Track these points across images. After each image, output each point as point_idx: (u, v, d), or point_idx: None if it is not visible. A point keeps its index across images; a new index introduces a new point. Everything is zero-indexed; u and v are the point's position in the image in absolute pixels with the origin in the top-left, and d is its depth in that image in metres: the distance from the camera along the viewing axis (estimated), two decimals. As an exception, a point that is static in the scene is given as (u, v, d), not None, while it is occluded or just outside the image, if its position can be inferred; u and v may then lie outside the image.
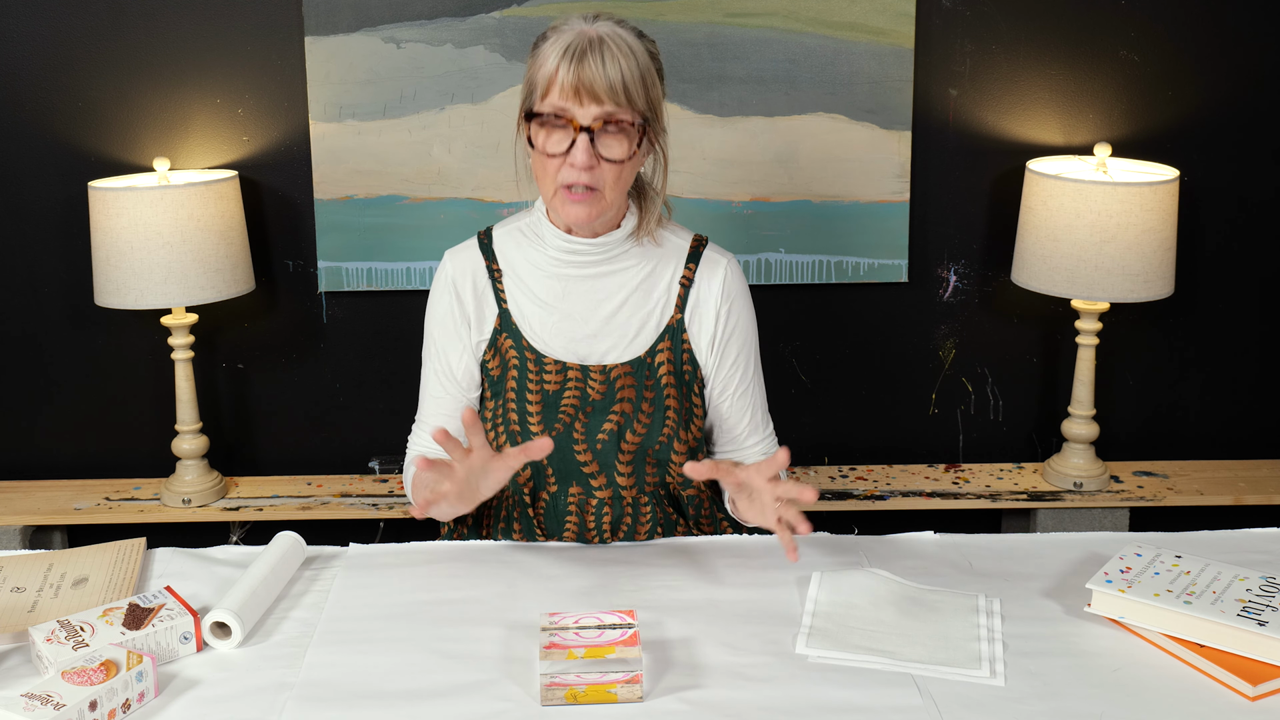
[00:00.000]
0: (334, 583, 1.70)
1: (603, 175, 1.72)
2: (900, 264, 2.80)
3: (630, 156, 1.72)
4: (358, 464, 2.90)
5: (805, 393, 2.90)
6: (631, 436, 1.83)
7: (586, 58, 1.67)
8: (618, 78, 1.67)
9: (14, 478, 2.87)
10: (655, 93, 1.74)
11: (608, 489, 1.84)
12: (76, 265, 2.74)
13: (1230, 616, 1.49)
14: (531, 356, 1.83)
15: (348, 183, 2.73)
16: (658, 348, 1.84)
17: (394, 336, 2.83)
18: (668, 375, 1.84)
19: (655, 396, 1.83)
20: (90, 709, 1.36)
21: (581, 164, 1.69)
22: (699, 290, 1.85)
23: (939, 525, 2.85)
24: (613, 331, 1.84)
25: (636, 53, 1.70)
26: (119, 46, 2.68)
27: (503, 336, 1.85)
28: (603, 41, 1.68)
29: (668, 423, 1.83)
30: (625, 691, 1.41)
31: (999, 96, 2.76)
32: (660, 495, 1.88)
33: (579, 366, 1.83)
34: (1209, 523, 2.60)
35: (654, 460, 1.85)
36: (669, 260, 1.86)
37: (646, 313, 1.84)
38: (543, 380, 1.83)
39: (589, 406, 1.83)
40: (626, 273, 1.84)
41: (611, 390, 1.83)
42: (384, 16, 2.66)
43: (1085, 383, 2.74)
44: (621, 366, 1.83)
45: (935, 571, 1.72)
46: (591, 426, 1.83)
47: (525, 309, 1.85)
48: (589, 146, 1.69)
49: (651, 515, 1.86)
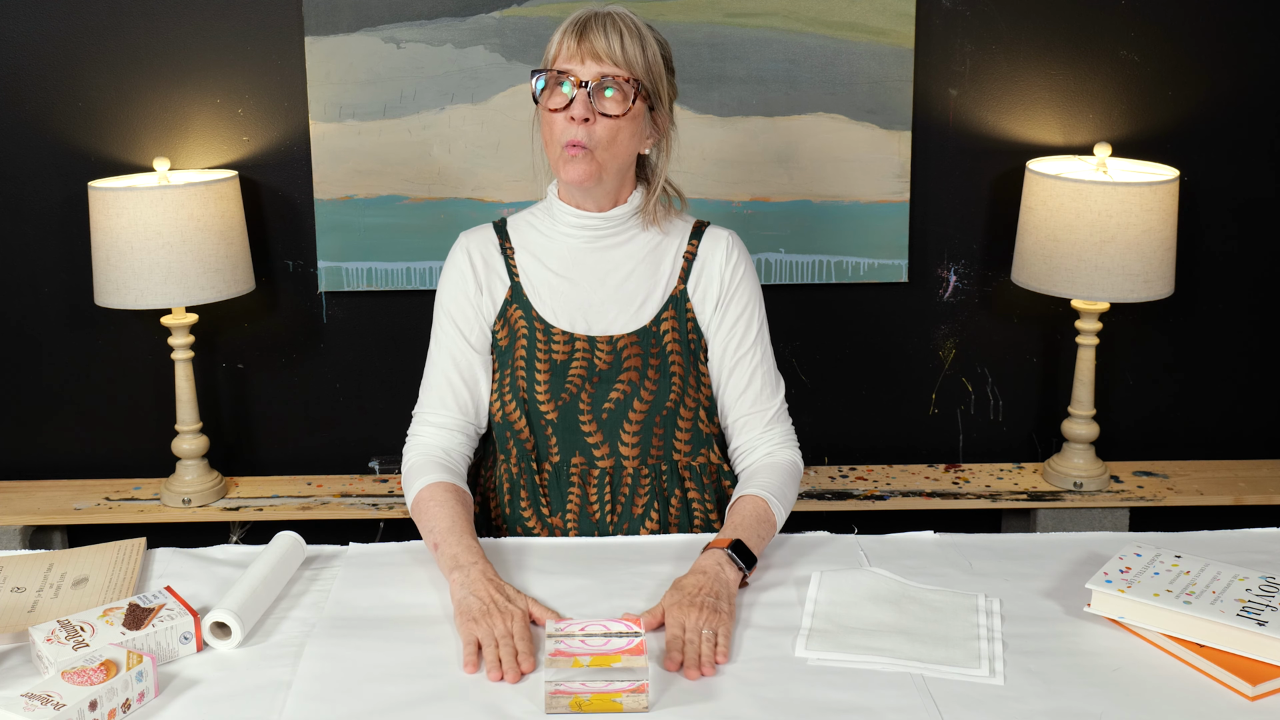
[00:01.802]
0: (334, 583, 1.70)
1: (598, 133, 1.79)
2: (900, 264, 2.80)
3: (625, 113, 1.80)
4: (358, 464, 2.90)
5: (805, 393, 2.90)
6: (639, 405, 1.88)
7: (591, 25, 1.80)
8: (618, 42, 1.79)
9: (14, 478, 2.87)
10: (658, 69, 1.84)
11: (610, 459, 1.90)
12: (76, 265, 2.74)
13: (1230, 616, 1.49)
14: (540, 327, 1.89)
15: (348, 183, 2.73)
16: (663, 316, 1.90)
17: (394, 336, 2.83)
18: (673, 344, 1.90)
19: (661, 364, 1.89)
20: (90, 709, 1.36)
21: (579, 114, 1.78)
22: (702, 260, 1.93)
23: (939, 525, 2.85)
24: (619, 300, 1.90)
25: (643, 32, 1.82)
26: (119, 46, 2.68)
27: (513, 307, 1.91)
28: (609, 15, 1.81)
29: (673, 391, 1.89)
30: (631, 701, 1.40)
31: (999, 96, 2.76)
32: (661, 470, 1.92)
33: (586, 337, 1.89)
34: (1209, 523, 2.60)
35: (661, 430, 1.89)
36: (674, 237, 1.94)
37: (652, 283, 1.91)
38: (551, 350, 1.89)
39: (595, 376, 1.89)
40: (634, 244, 1.91)
41: (618, 360, 1.89)
42: (384, 16, 2.66)
43: (1085, 383, 2.74)
44: (627, 336, 1.89)
45: (935, 571, 1.72)
46: (598, 396, 1.89)
47: (535, 280, 1.91)
48: (586, 100, 1.79)
49: (650, 490, 1.90)
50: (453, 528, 1.73)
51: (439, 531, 1.74)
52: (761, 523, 1.77)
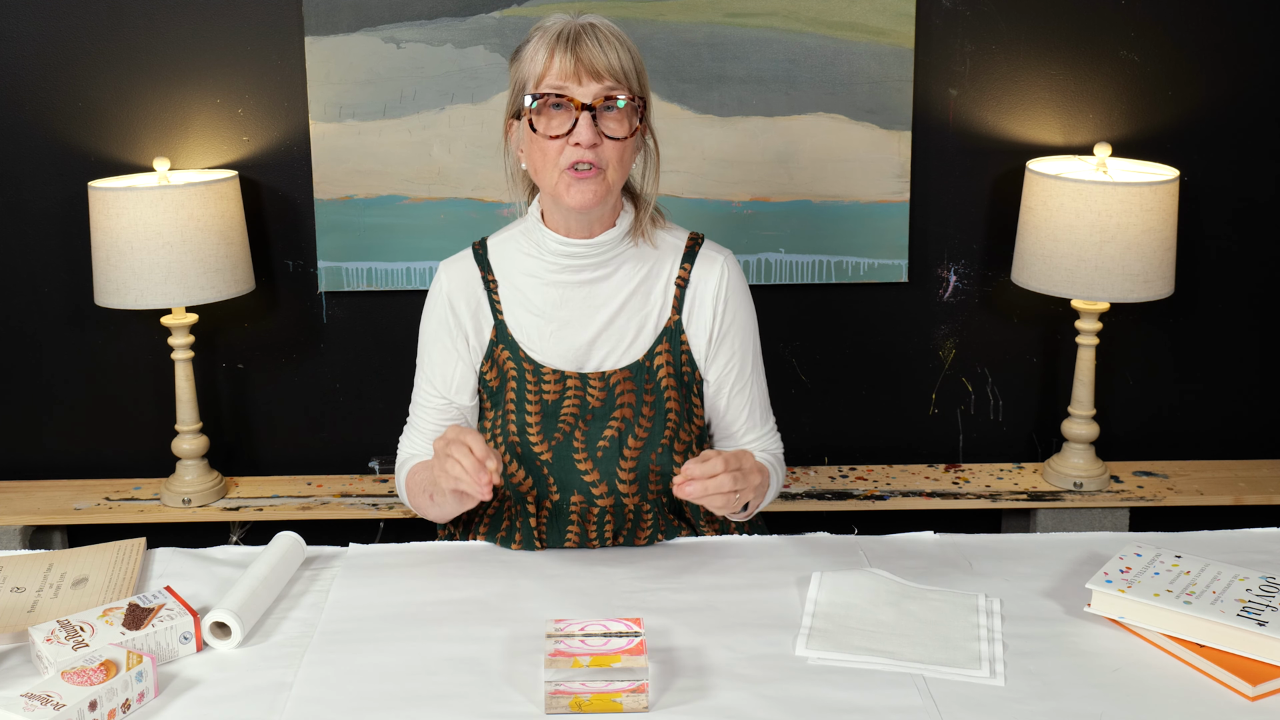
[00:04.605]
0: (334, 583, 1.70)
1: (605, 154, 1.71)
2: (900, 264, 2.80)
3: (632, 133, 1.73)
4: (358, 464, 2.90)
5: (805, 393, 2.90)
6: (633, 442, 1.82)
7: (582, 40, 1.69)
8: (615, 58, 1.69)
9: (14, 478, 2.87)
10: (643, 73, 1.76)
11: (609, 497, 1.83)
12: (76, 265, 2.74)
13: (1230, 616, 1.49)
14: (529, 367, 1.83)
15: (348, 183, 2.73)
16: (656, 350, 1.83)
17: (394, 336, 2.83)
18: (667, 378, 1.83)
19: (655, 400, 1.83)
20: (90, 709, 1.36)
21: (586, 140, 1.69)
22: (695, 289, 1.84)
23: (939, 525, 2.85)
24: (610, 337, 1.83)
25: (628, 42, 1.74)
26: (119, 46, 2.68)
27: (499, 348, 1.84)
28: (594, 28, 1.71)
29: (669, 425, 1.83)
30: (631, 701, 1.40)
31: (999, 96, 2.76)
32: (663, 503, 1.86)
33: (577, 375, 1.82)
34: (1209, 523, 2.59)
35: (657, 467, 1.83)
36: (665, 261, 1.85)
37: (644, 316, 1.84)
38: (541, 390, 1.82)
39: (589, 414, 1.82)
40: (622, 276, 1.83)
41: (611, 397, 1.82)
42: (384, 16, 2.66)
43: (1085, 383, 2.74)
44: (620, 372, 1.82)
45: (935, 571, 1.72)
46: (592, 435, 1.82)
47: (522, 319, 1.84)
48: (591, 123, 1.69)
49: (653, 523, 1.85)
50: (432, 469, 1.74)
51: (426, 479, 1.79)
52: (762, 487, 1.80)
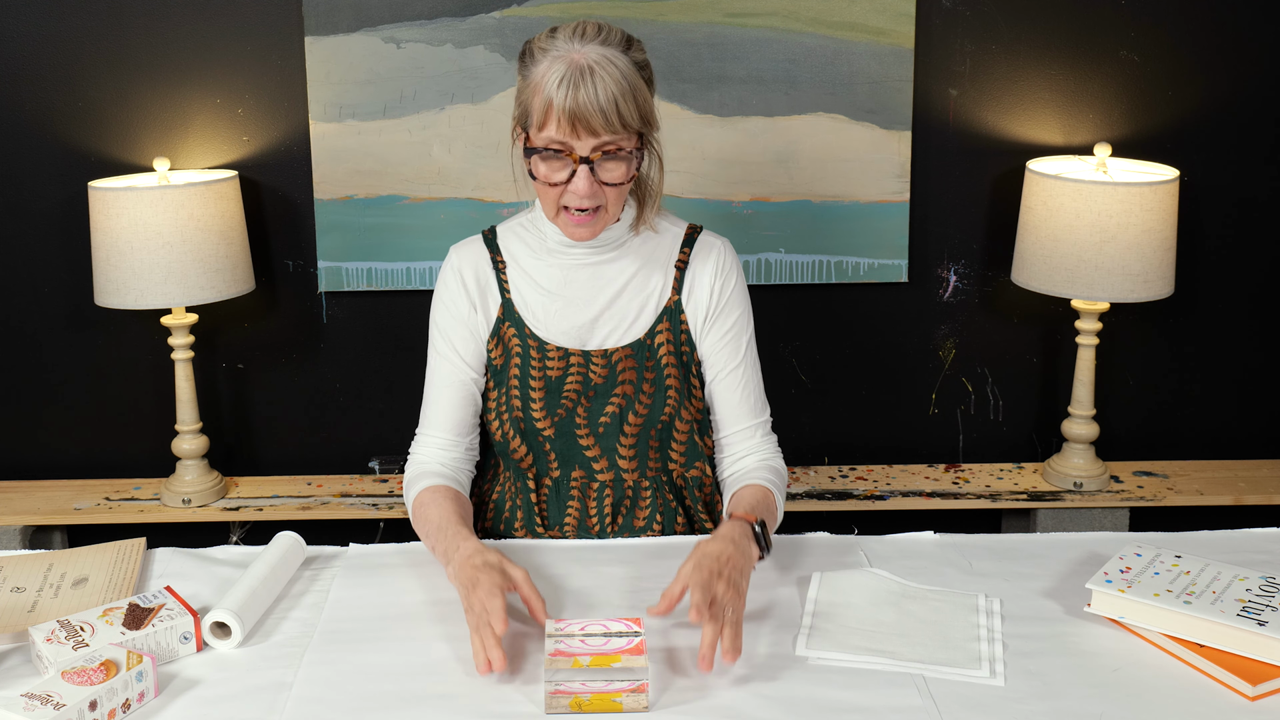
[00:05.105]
0: (334, 583, 1.71)
1: (604, 194, 1.75)
2: (900, 264, 2.80)
3: (630, 179, 1.76)
4: (358, 464, 2.90)
5: (805, 393, 2.90)
6: (634, 418, 1.87)
7: (580, 88, 1.67)
8: (611, 107, 1.67)
9: (14, 478, 2.87)
10: (646, 103, 1.74)
11: (609, 472, 1.88)
12: (76, 265, 2.74)
13: (1230, 616, 1.49)
14: (534, 344, 1.87)
15: (348, 183, 2.73)
16: (657, 329, 1.88)
17: (394, 336, 2.83)
18: (668, 356, 1.87)
19: (656, 378, 1.87)
20: (90, 709, 1.36)
21: (584, 192, 1.72)
22: (694, 270, 1.89)
23: (939, 525, 2.85)
24: (613, 315, 1.87)
25: (626, 73, 1.69)
26: (119, 46, 2.68)
27: (505, 325, 1.88)
28: (593, 70, 1.67)
29: (669, 403, 1.87)
30: (631, 701, 1.40)
31: (999, 96, 2.76)
32: (661, 481, 1.91)
33: (580, 352, 1.87)
34: (1209, 523, 2.59)
35: (657, 442, 1.88)
36: (666, 245, 1.90)
37: (646, 295, 1.88)
38: (545, 367, 1.87)
39: (591, 391, 1.87)
40: (626, 259, 1.88)
41: (613, 374, 1.87)
42: (384, 16, 2.66)
43: (1085, 383, 2.74)
44: (622, 350, 1.87)
45: (935, 571, 1.72)
46: (594, 411, 1.87)
47: (528, 297, 1.88)
48: (589, 175, 1.72)
49: (651, 502, 1.90)
50: (442, 525, 1.73)
51: (432, 533, 1.75)
52: (770, 512, 1.79)
